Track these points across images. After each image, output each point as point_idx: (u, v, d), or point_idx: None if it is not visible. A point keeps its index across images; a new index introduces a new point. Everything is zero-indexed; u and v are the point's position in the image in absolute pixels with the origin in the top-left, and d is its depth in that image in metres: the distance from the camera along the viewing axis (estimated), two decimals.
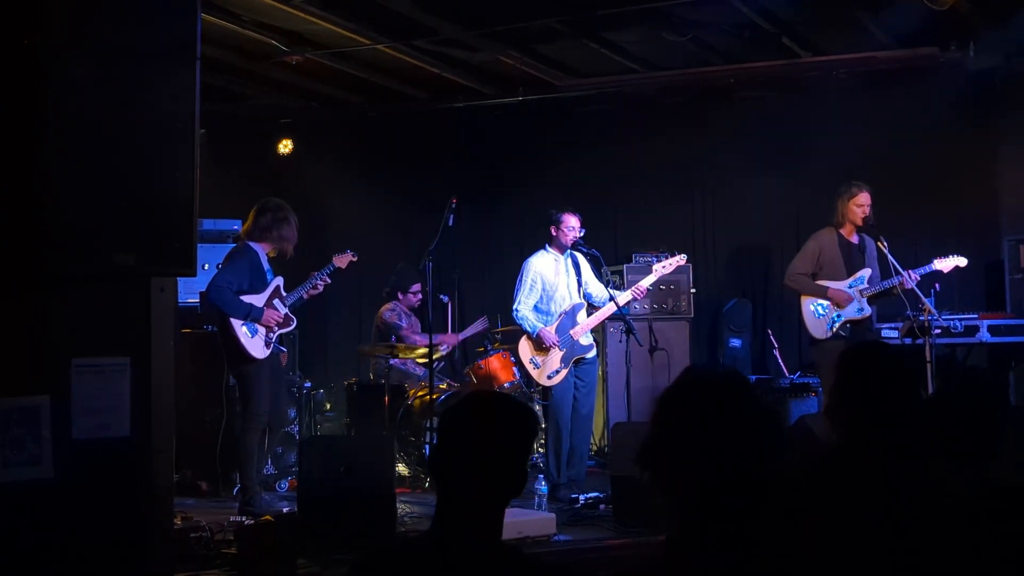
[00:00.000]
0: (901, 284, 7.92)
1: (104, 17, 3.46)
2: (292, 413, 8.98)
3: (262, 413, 7.64)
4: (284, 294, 7.77)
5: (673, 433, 2.21)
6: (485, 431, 2.54)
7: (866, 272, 8.21)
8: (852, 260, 8.25)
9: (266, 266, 7.73)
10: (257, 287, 7.62)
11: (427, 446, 8.62)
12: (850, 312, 8.10)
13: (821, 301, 8.16)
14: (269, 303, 7.62)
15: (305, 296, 7.92)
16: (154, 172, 3.58)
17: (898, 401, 3.12)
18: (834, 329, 8.08)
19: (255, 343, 7.51)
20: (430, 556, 2.49)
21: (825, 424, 3.27)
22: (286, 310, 7.74)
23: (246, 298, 7.51)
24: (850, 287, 8.14)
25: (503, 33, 9.25)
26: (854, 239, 8.30)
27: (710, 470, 2.15)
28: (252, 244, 7.70)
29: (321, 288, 7.96)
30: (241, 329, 7.46)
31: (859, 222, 8.18)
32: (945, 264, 8.04)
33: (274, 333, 7.62)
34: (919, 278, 7.93)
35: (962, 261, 8.05)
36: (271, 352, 7.63)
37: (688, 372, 2.37)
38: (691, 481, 2.17)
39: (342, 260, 8.12)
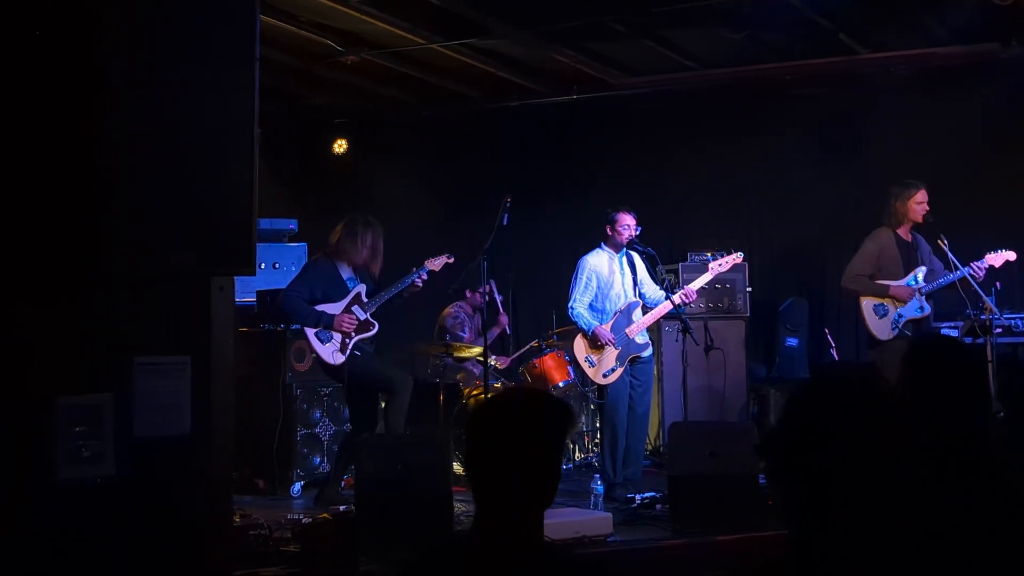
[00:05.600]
0: (972, 276, 7.82)
1: (165, 19, 3.49)
2: (345, 412, 9.00)
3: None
4: (365, 300, 7.84)
5: (805, 429, 2.15)
6: (513, 430, 2.50)
7: (922, 270, 8.10)
8: (909, 259, 8.17)
9: (346, 275, 7.87)
10: (332, 296, 7.78)
11: None
12: (911, 311, 7.99)
13: (882, 301, 8.05)
14: (347, 310, 7.74)
15: (397, 300, 7.93)
16: (214, 172, 3.60)
17: (966, 395, 3.09)
18: (898, 329, 7.98)
19: (327, 349, 7.68)
20: (473, 557, 2.48)
21: None
22: (366, 315, 7.80)
23: (319, 307, 7.67)
24: (908, 284, 8.06)
25: (557, 31, 9.24)
26: (909, 238, 8.22)
27: (837, 470, 2.09)
28: (329, 255, 7.89)
29: (406, 294, 7.94)
30: (314, 337, 7.65)
31: (920, 219, 8.09)
32: (996, 259, 7.95)
33: (351, 339, 7.72)
34: (986, 268, 7.85)
35: (1011, 255, 7.99)
36: (351, 356, 7.72)
37: (827, 368, 2.31)
38: (816, 479, 2.11)
39: (435, 263, 8.06)
